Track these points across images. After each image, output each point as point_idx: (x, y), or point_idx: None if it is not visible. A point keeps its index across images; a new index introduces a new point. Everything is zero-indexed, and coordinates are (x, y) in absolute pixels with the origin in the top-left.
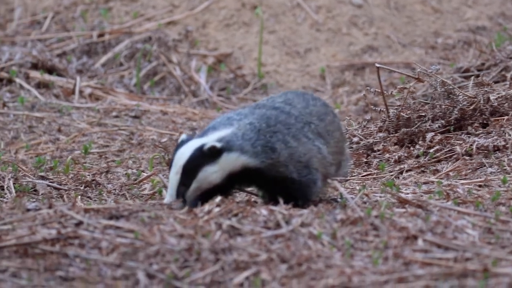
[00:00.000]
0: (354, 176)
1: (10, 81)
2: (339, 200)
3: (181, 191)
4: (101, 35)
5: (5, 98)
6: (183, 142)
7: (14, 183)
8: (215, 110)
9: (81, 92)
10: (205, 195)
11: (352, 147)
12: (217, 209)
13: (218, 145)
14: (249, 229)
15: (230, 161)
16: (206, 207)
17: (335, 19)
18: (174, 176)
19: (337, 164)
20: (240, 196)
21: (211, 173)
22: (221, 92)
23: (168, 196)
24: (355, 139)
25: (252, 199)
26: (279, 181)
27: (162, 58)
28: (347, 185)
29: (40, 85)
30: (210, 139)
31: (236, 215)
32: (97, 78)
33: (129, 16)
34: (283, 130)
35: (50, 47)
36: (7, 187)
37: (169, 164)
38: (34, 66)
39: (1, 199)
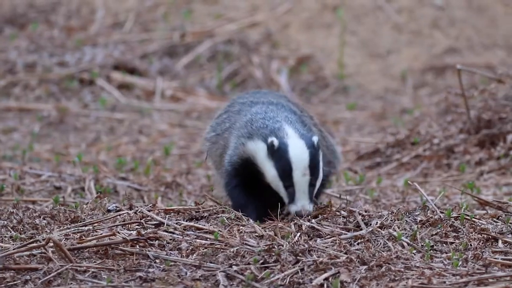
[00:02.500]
0: (435, 177)
1: (91, 83)
2: (419, 201)
3: (311, 192)
4: (182, 36)
5: (86, 99)
6: (284, 146)
7: (95, 184)
8: None
9: (162, 93)
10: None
11: (432, 149)
12: None
13: (316, 138)
14: (329, 231)
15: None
16: (287, 209)
17: (417, 20)
18: (302, 179)
19: None
20: (320, 198)
21: (322, 167)
22: (302, 94)
23: (303, 199)
24: (436, 141)
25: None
26: None
27: (243, 60)
28: (427, 186)
29: (121, 87)
30: (296, 137)
31: (316, 216)
32: (178, 80)
33: (210, 17)
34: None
35: (132, 48)
36: (88, 188)
37: (284, 170)
38: (116, 68)
39: (82, 200)
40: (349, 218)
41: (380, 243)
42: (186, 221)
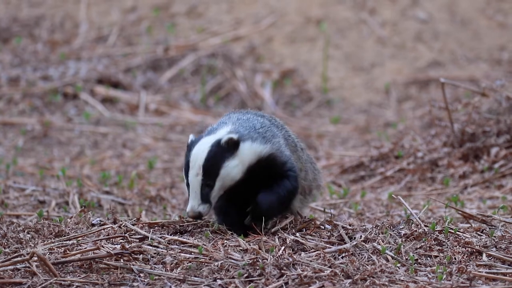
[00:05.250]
0: (419, 191)
1: (75, 96)
2: (403, 215)
3: (205, 193)
4: (166, 50)
5: (70, 113)
6: (194, 143)
7: (79, 198)
8: None
9: (146, 107)
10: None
11: (416, 162)
12: (281, 224)
13: (235, 136)
14: (313, 244)
15: (247, 151)
16: (270, 221)
17: (400, 34)
18: (194, 178)
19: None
20: (304, 212)
21: (233, 168)
22: (286, 107)
23: (192, 200)
24: (420, 154)
25: (316, 215)
26: (278, 170)
27: (227, 73)
28: (411, 199)
29: (105, 100)
30: (220, 135)
31: (300, 230)
32: (162, 93)
33: (194, 31)
34: (267, 122)
35: (115, 62)
36: (72, 202)
37: (185, 167)
38: (99, 81)
39: (66, 214)
40: (333, 232)
41: (365, 257)
42: (171, 235)
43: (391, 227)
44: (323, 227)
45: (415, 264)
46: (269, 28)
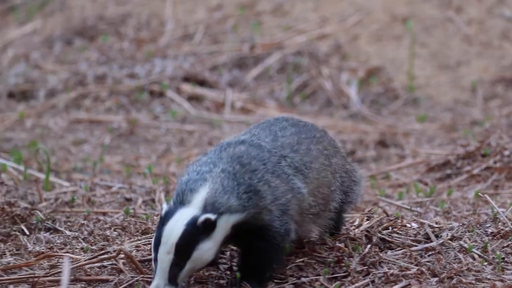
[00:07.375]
0: (506, 189)
1: (161, 94)
2: (489, 213)
3: (173, 274)
4: (252, 48)
5: (156, 111)
6: (169, 215)
7: (165, 196)
8: (365, 124)
9: (232, 105)
10: None
11: (503, 161)
12: (367, 222)
13: (212, 217)
14: (400, 242)
15: (222, 227)
16: (357, 220)
17: (487, 32)
18: (165, 256)
19: (343, 193)
20: (390, 210)
21: (206, 251)
22: (372, 105)
23: (159, 279)
24: (507, 153)
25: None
26: (259, 233)
27: (313, 72)
28: (498, 198)
29: (191, 98)
30: (196, 207)
31: (386, 228)
32: (248, 91)
33: (279, 29)
34: (260, 167)
35: (201, 60)
36: (158, 200)
37: (155, 241)
38: (185, 79)
39: (153, 211)
40: (420, 230)
41: (451, 255)
42: None
43: (478, 226)
44: (409, 225)
45: (502, 263)
46: (354, 26)
